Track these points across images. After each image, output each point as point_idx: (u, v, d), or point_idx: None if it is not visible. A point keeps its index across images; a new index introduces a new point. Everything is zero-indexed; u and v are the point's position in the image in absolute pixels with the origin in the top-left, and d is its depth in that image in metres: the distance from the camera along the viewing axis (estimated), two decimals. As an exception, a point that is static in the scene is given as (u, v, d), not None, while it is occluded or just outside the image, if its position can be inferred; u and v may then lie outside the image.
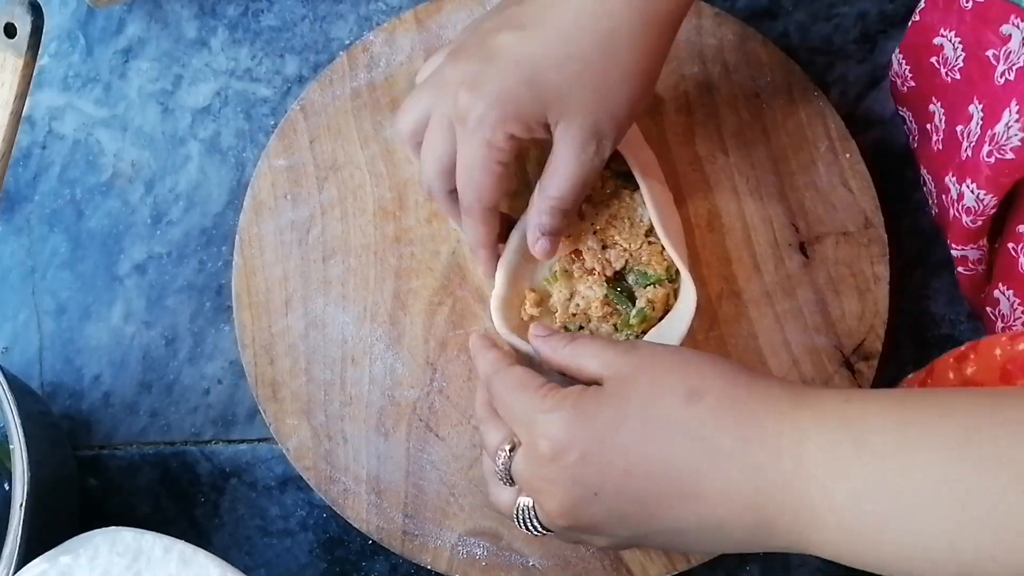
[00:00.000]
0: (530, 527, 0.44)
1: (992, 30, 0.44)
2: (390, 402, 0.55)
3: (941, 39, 0.49)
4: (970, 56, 0.47)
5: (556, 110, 0.44)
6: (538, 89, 0.43)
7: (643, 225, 0.52)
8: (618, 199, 0.53)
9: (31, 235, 0.63)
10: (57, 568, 0.45)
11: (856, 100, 0.61)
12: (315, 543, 0.58)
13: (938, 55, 0.50)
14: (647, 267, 0.52)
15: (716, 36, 0.58)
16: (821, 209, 0.56)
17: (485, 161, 0.45)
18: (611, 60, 0.44)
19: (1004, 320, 0.49)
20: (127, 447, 0.60)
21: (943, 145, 0.51)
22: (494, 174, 0.46)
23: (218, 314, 0.61)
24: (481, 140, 0.44)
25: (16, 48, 0.59)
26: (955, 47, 0.48)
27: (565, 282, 0.52)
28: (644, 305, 0.51)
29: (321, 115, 0.59)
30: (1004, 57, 0.44)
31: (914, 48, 0.52)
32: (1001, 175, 0.43)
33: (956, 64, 0.48)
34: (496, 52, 0.44)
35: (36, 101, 0.64)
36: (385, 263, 0.57)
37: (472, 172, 0.46)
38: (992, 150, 0.43)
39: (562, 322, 0.52)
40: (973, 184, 0.46)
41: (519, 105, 0.44)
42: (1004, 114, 0.42)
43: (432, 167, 0.48)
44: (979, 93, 0.46)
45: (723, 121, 0.57)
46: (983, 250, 0.49)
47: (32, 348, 0.62)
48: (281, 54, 0.64)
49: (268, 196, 0.58)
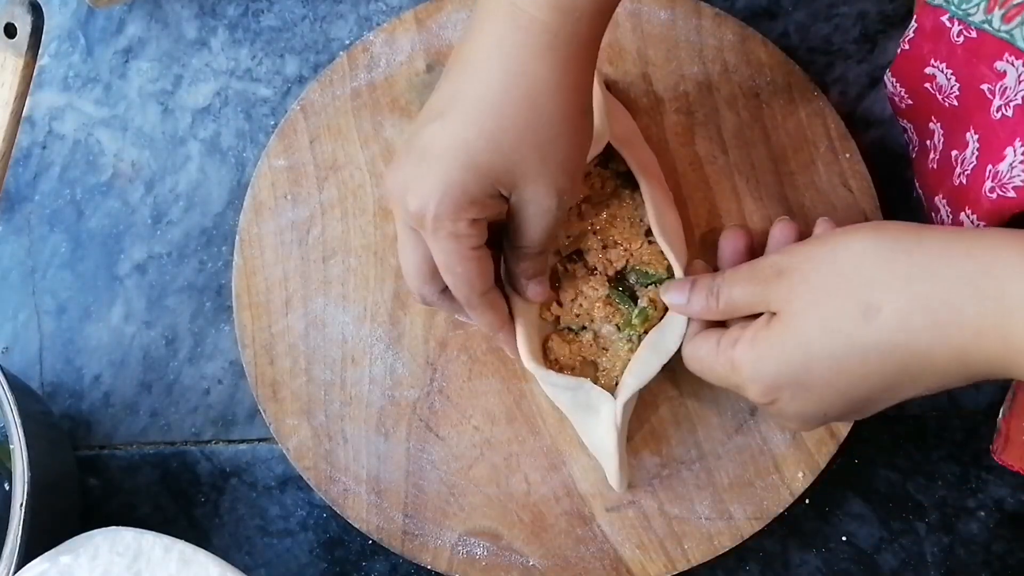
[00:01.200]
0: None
1: (986, 64, 0.43)
2: (390, 402, 0.55)
3: (933, 69, 0.48)
4: (964, 87, 0.46)
5: (505, 183, 0.43)
6: (479, 170, 0.42)
7: (643, 225, 0.52)
8: (618, 199, 0.53)
9: (31, 235, 0.63)
10: (57, 568, 0.45)
11: (856, 100, 0.61)
12: (315, 543, 0.58)
13: (931, 82, 0.49)
14: (648, 267, 0.52)
15: (716, 36, 0.58)
16: (821, 209, 0.56)
17: (460, 254, 0.44)
18: (540, 119, 0.43)
19: None
20: (127, 447, 0.60)
21: (937, 166, 0.50)
22: (474, 260, 0.45)
23: (218, 314, 0.61)
24: (446, 235, 0.43)
25: (16, 48, 0.59)
26: (948, 78, 0.47)
27: (568, 282, 0.52)
28: (646, 304, 0.51)
29: (321, 115, 0.59)
30: (1000, 92, 0.43)
31: (906, 74, 0.51)
32: (1003, 210, 0.43)
33: (952, 92, 0.47)
34: (426, 148, 0.43)
35: (36, 101, 0.64)
36: (385, 263, 0.57)
37: (454, 268, 0.45)
38: (994, 187, 0.43)
39: (566, 322, 0.52)
40: (973, 215, 0.45)
41: (467, 190, 0.42)
42: (1008, 152, 0.42)
43: (415, 278, 0.47)
44: (976, 124, 0.45)
45: (723, 121, 0.57)
46: None
47: (32, 348, 0.62)
48: (281, 54, 0.64)
49: (268, 196, 0.58)
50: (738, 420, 0.54)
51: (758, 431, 0.54)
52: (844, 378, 0.41)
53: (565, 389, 0.50)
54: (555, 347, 0.52)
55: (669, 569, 0.53)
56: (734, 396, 0.53)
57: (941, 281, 0.38)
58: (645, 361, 0.49)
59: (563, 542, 0.53)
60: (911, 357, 0.39)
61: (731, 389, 0.46)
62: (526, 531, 0.53)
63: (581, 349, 0.52)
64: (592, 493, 0.54)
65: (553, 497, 0.54)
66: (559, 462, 0.54)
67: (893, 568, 0.56)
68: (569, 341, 0.52)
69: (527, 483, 0.54)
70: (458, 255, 0.44)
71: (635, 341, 0.51)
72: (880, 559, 0.56)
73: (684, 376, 0.53)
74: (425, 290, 0.48)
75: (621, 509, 0.53)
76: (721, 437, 0.54)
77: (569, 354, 0.52)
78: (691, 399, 0.54)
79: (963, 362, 0.38)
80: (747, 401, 0.52)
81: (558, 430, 0.54)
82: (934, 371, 0.39)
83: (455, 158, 0.42)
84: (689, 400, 0.54)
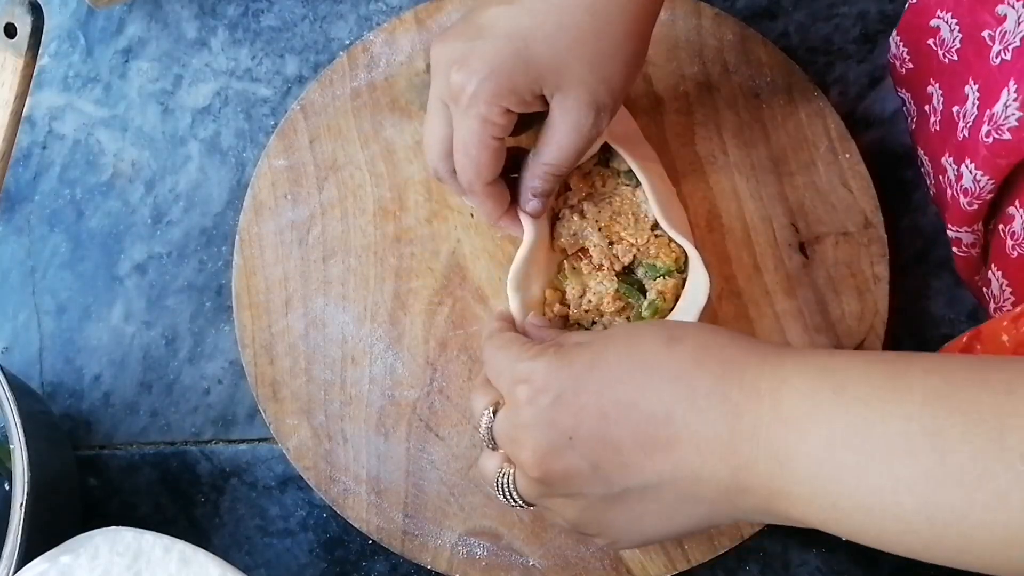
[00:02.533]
0: (509, 495, 0.43)
1: (988, 10, 0.44)
2: (390, 402, 0.55)
3: (938, 20, 0.49)
4: (966, 37, 0.47)
5: (551, 82, 0.43)
6: (530, 61, 0.43)
7: (648, 220, 0.52)
8: (620, 196, 0.53)
9: (31, 235, 0.63)
10: (57, 568, 0.45)
11: (856, 100, 0.61)
12: (315, 543, 0.58)
13: (935, 37, 0.50)
14: (656, 260, 0.52)
15: (716, 36, 0.58)
16: (821, 209, 0.56)
17: (481, 137, 0.45)
18: (603, 28, 0.43)
19: (995, 301, 0.49)
20: (127, 447, 0.60)
21: (940, 127, 0.51)
22: (490, 149, 0.45)
23: (218, 314, 0.61)
24: (476, 116, 0.44)
25: (16, 48, 0.59)
26: (952, 28, 0.48)
27: (575, 279, 0.53)
28: (655, 297, 0.51)
29: (321, 115, 0.59)
30: (1000, 37, 0.43)
31: (911, 30, 0.52)
32: (999, 156, 0.43)
33: (953, 46, 0.48)
34: (485, 28, 0.43)
35: (36, 101, 0.64)
36: (385, 263, 0.57)
37: (468, 150, 0.45)
38: (990, 130, 0.43)
39: (576, 318, 0.52)
40: (972, 164, 0.45)
41: (512, 78, 0.43)
42: (1002, 94, 0.42)
43: (435, 150, 0.47)
44: (975, 74, 0.46)
45: (723, 121, 0.57)
46: (978, 234, 0.49)
47: (32, 348, 0.62)
48: (281, 54, 0.64)
49: (268, 196, 0.58)
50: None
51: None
52: (616, 390, 0.38)
53: None
54: None
55: (669, 569, 0.53)
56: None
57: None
58: None
59: (563, 542, 0.53)
60: (687, 396, 0.37)
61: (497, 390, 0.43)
62: (526, 531, 0.53)
63: None
64: (592, 493, 0.54)
65: (553, 497, 0.54)
66: (559, 462, 0.54)
67: (893, 568, 0.56)
68: None
69: (527, 483, 0.54)
70: (478, 139, 0.45)
71: None
72: (880, 559, 0.56)
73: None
74: (440, 166, 0.48)
75: (621, 509, 0.53)
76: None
77: None
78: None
79: (732, 429, 0.35)
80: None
81: (558, 430, 0.54)
82: (701, 424, 0.36)
83: (510, 43, 0.43)
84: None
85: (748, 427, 0.35)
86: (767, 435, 0.35)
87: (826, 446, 0.33)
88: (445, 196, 0.57)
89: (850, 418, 0.33)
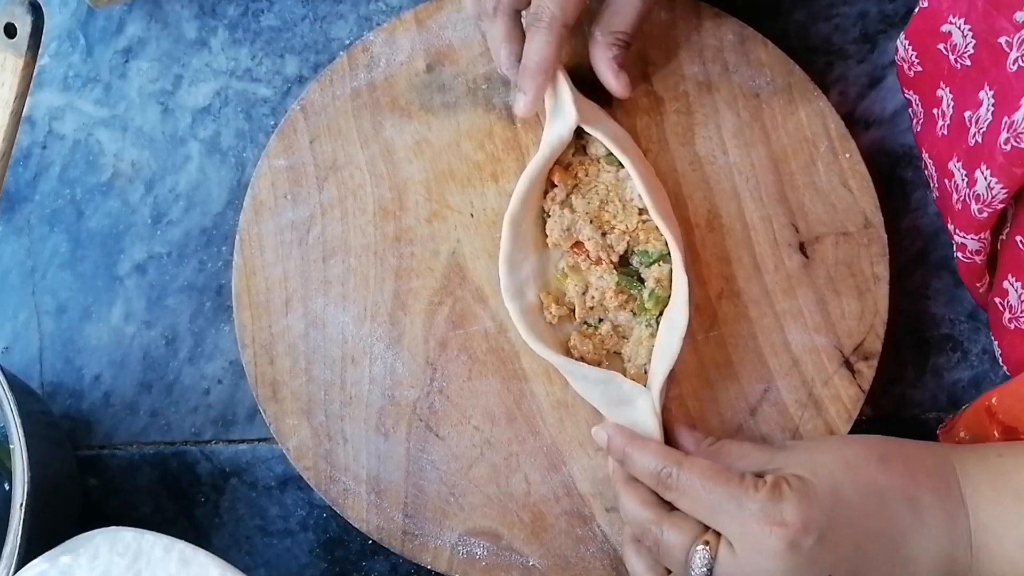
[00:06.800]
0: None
1: (1005, 17, 0.44)
2: (390, 402, 0.55)
3: (949, 26, 0.49)
4: (981, 43, 0.47)
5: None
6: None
7: (634, 204, 0.53)
8: (604, 184, 0.54)
9: (31, 235, 0.63)
10: (57, 568, 0.45)
11: (856, 100, 0.61)
12: (315, 543, 0.58)
13: (946, 42, 0.49)
14: (647, 245, 0.52)
15: (716, 36, 0.58)
16: (821, 209, 0.56)
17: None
18: None
19: (1012, 311, 0.49)
20: (127, 447, 0.60)
21: (949, 131, 0.51)
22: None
23: (218, 314, 0.61)
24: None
25: (16, 48, 0.59)
26: (964, 34, 0.48)
27: (576, 277, 0.53)
28: (654, 286, 0.52)
29: (321, 115, 0.59)
30: (1017, 44, 0.43)
31: (921, 34, 0.52)
32: (1016, 164, 0.43)
33: (966, 51, 0.48)
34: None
35: (36, 101, 0.64)
36: (385, 263, 0.57)
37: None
38: (1009, 137, 0.43)
39: (581, 317, 0.53)
40: (988, 170, 0.45)
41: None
42: (1022, 102, 0.42)
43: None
44: (990, 80, 0.46)
45: (723, 121, 0.57)
46: (984, 242, 0.49)
47: (32, 348, 0.62)
48: (281, 54, 0.64)
49: (268, 196, 0.58)
50: (738, 420, 0.54)
51: (758, 431, 0.54)
52: (865, 522, 0.41)
53: (596, 383, 0.51)
54: (578, 344, 0.52)
55: (669, 569, 0.53)
56: (735, 396, 0.53)
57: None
58: (667, 343, 0.50)
59: (563, 542, 0.53)
60: (916, 514, 0.41)
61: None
62: (526, 531, 0.53)
63: (604, 342, 0.53)
64: (592, 493, 0.54)
65: (553, 497, 0.54)
66: (559, 462, 0.54)
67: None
68: (590, 336, 0.53)
69: (527, 483, 0.54)
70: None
71: (654, 325, 0.52)
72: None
73: (684, 376, 0.54)
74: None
75: (621, 509, 0.53)
76: (721, 437, 0.53)
77: (592, 349, 0.52)
78: (692, 399, 0.54)
79: (951, 539, 0.41)
80: (746, 401, 0.53)
81: (558, 430, 0.54)
82: (929, 539, 0.41)
83: None
84: (690, 400, 0.54)
85: (962, 535, 0.41)
86: (975, 542, 0.41)
87: (1018, 547, 0.40)
88: (445, 196, 0.57)
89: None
